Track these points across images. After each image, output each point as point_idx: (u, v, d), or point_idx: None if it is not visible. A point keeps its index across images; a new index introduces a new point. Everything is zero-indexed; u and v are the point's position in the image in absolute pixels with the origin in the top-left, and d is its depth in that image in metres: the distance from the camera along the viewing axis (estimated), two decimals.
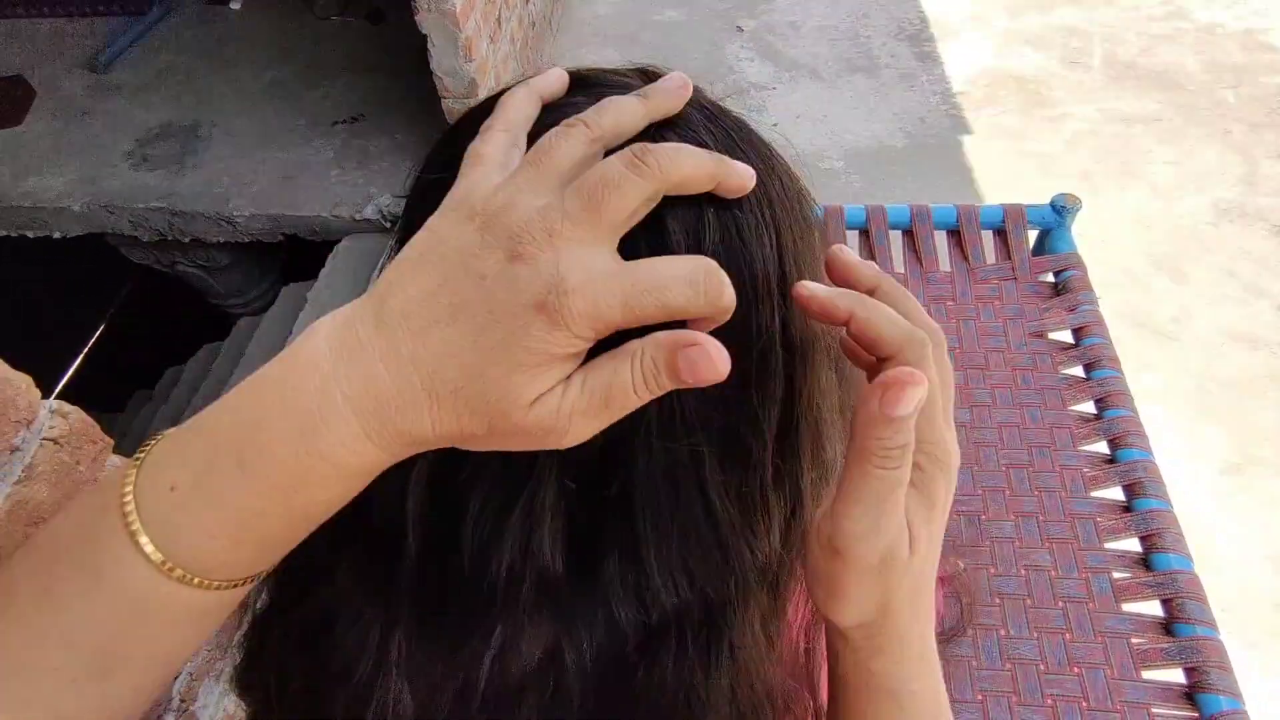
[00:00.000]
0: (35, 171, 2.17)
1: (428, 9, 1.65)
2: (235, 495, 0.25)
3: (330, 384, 0.24)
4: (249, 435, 0.25)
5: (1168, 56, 2.48)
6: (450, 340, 0.24)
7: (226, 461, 0.25)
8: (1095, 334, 1.06)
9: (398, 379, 0.24)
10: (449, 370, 0.24)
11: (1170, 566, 0.86)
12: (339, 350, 0.25)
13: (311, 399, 0.24)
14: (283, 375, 0.25)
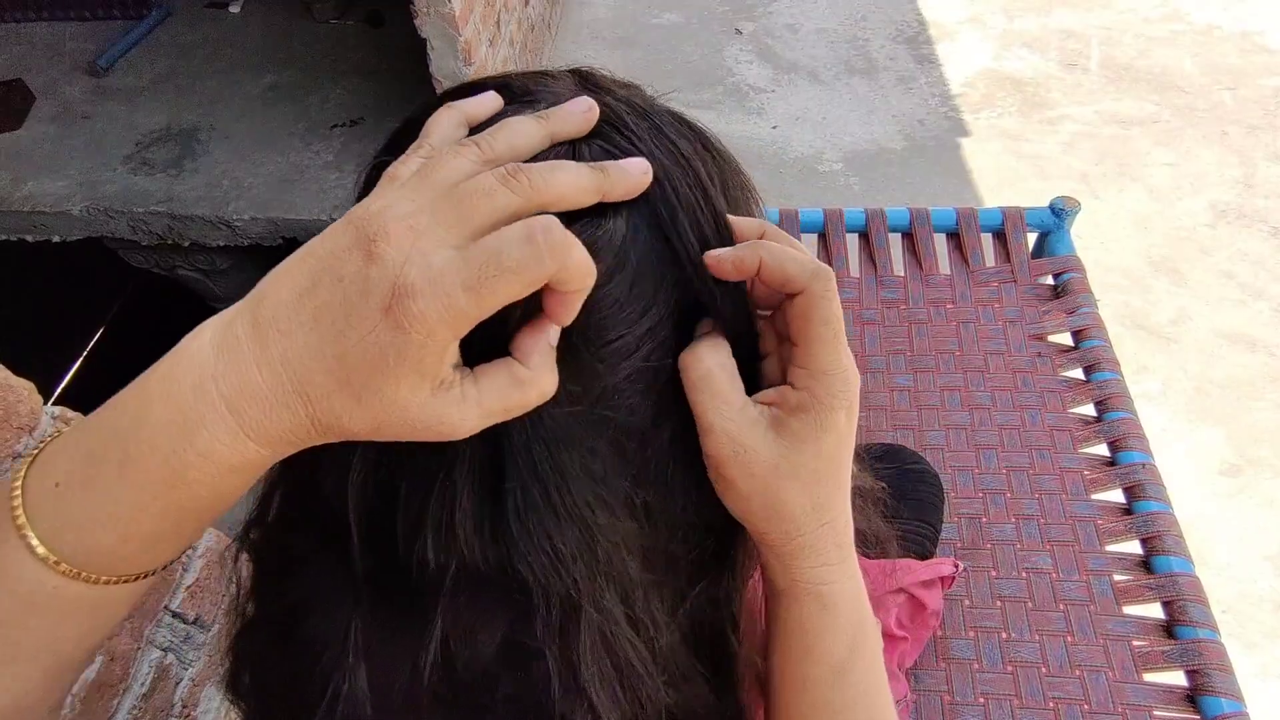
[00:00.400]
0: (35, 176, 2.17)
1: (427, 12, 1.65)
2: (116, 491, 0.25)
3: (209, 382, 0.25)
4: (132, 431, 0.25)
5: (1165, 58, 2.48)
6: (313, 345, 0.24)
7: (109, 457, 0.25)
8: (1095, 336, 1.06)
9: (270, 380, 0.25)
10: (317, 374, 0.24)
11: (1171, 569, 0.86)
12: (219, 348, 0.25)
13: (190, 396, 0.25)
14: (168, 371, 0.25)
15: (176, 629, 0.79)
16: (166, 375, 0.25)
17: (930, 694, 0.83)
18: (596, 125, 0.31)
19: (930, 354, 1.12)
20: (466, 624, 0.30)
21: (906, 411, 1.07)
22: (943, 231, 1.23)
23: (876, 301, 1.19)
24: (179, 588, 0.79)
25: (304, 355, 0.24)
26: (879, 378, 1.11)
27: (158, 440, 0.25)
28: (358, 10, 2.69)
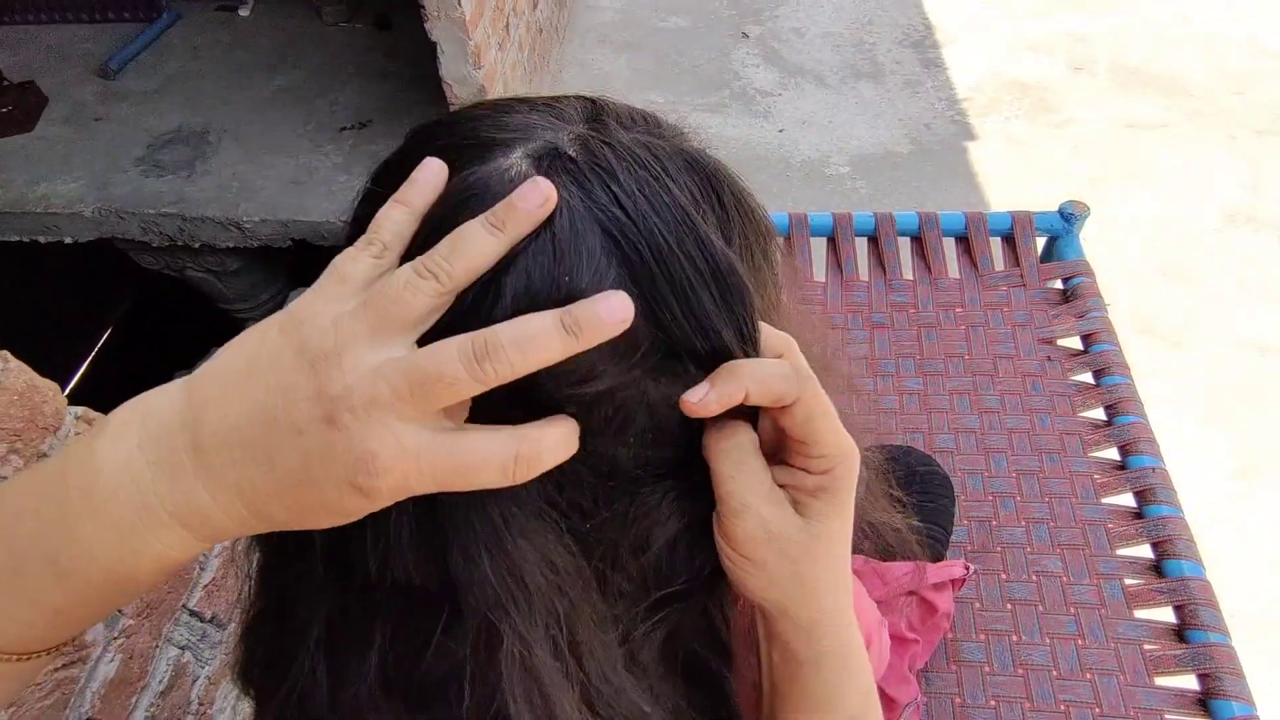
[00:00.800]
0: (47, 177, 2.19)
1: (437, 16, 1.66)
2: (51, 595, 0.26)
3: (151, 498, 0.25)
4: (60, 542, 0.26)
5: (1173, 62, 2.48)
6: (271, 487, 0.25)
7: (37, 566, 0.26)
8: (1104, 340, 1.06)
9: (224, 505, 0.25)
10: (275, 509, 0.26)
11: (1182, 573, 0.86)
12: (158, 465, 0.25)
13: (129, 510, 0.25)
14: (88, 483, 0.25)
15: (194, 627, 0.80)
16: (88, 491, 0.25)
17: (941, 696, 0.83)
18: (596, 168, 0.30)
19: (939, 357, 1.13)
20: (406, 634, 0.31)
21: (916, 414, 1.08)
22: (951, 235, 1.23)
23: (886, 305, 1.20)
24: (196, 586, 0.79)
25: (263, 492, 0.25)
26: (888, 381, 1.12)
27: (95, 549, 0.26)
28: (367, 13, 2.70)
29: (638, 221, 0.29)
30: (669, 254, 0.29)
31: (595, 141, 0.31)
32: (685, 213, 0.30)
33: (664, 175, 0.31)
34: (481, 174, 0.29)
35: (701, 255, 0.30)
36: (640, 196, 0.29)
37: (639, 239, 0.29)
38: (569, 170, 0.29)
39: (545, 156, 0.30)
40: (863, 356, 1.14)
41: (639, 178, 0.30)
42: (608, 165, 0.30)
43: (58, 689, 0.65)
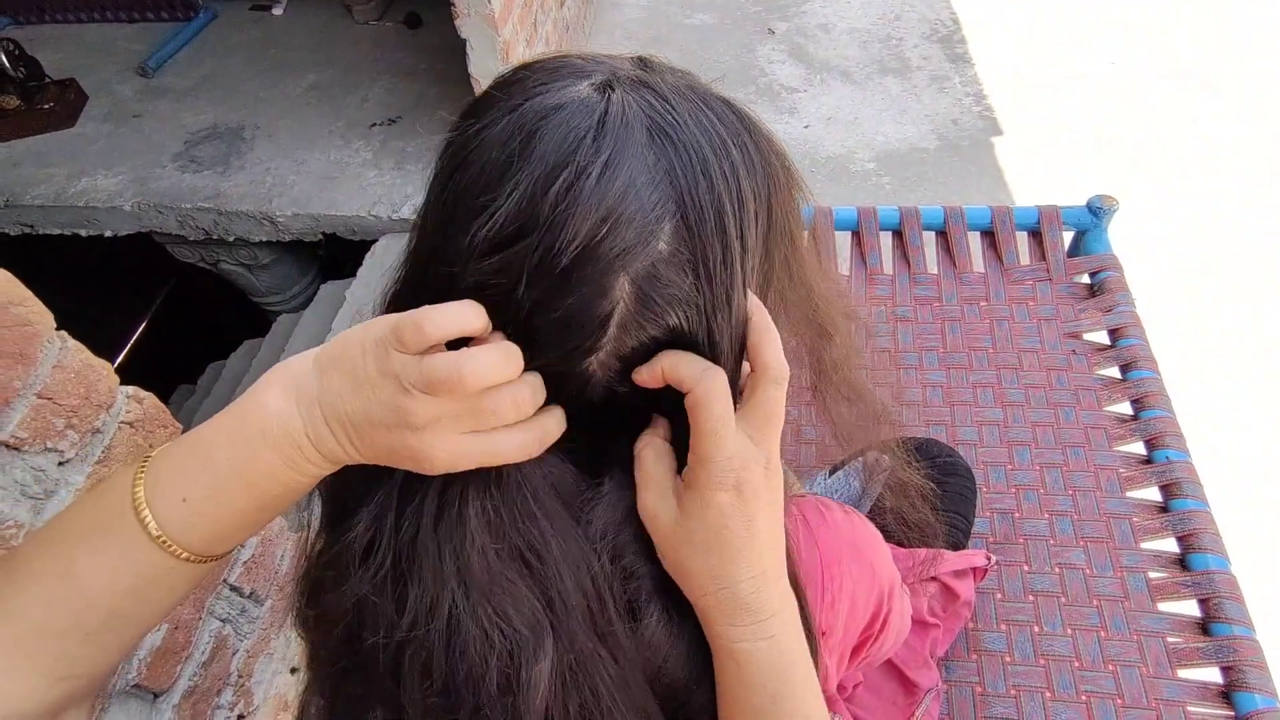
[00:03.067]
0: (88, 172, 2.25)
1: (467, 13, 1.69)
2: (243, 502, 0.37)
3: (303, 439, 0.36)
4: (249, 464, 0.36)
5: (1206, 56, 2.44)
6: (370, 449, 0.36)
7: (234, 482, 0.36)
8: (1132, 335, 1.06)
9: (346, 448, 0.36)
10: (361, 432, 0.36)
11: (1207, 566, 0.86)
12: (307, 420, 0.36)
13: (290, 444, 0.36)
14: (265, 424, 0.36)
15: (234, 602, 0.83)
16: (264, 430, 0.36)
17: (961, 685, 0.84)
18: (647, 88, 0.36)
19: (963, 351, 1.13)
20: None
21: (939, 407, 1.08)
22: (977, 230, 1.23)
23: (910, 299, 1.20)
24: (237, 563, 0.83)
25: (365, 450, 0.36)
26: (911, 374, 1.12)
27: (274, 471, 0.36)
28: (397, 12, 2.74)
29: (683, 132, 0.35)
30: (708, 169, 0.35)
31: (647, 76, 0.37)
32: (722, 139, 0.36)
33: (704, 107, 0.36)
34: (555, 97, 0.35)
35: (732, 177, 0.36)
36: (686, 117, 0.35)
37: (684, 147, 0.34)
38: (623, 86, 0.36)
39: (603, 85, 0.35)
40: (886, 350, 1.15)
41: (683, 106, 0.36)
42: (659, 90, 0.36)
43: None
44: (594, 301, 0.34)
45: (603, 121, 0.34)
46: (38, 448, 0.60)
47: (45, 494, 0.61)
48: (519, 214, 0.33)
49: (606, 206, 0.33)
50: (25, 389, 0.58)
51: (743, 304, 0.37)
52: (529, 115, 0.34)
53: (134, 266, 2.72)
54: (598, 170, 0.33)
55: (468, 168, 0.35)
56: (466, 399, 0.34)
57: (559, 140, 0.33)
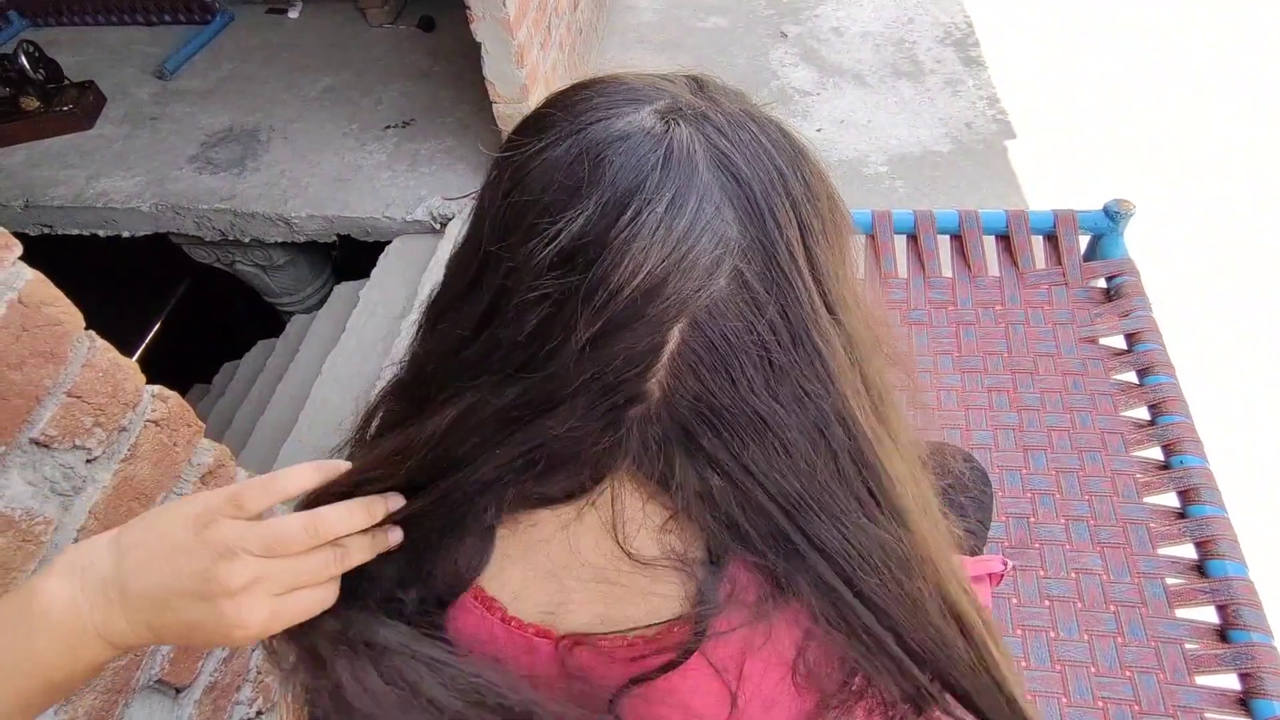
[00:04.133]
0: (107, 174, 2.28)
1: (482, 17, 1.70)
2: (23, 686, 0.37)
3: (88, 624, 0.37)
4: (25, 650, 0.37)
5: (1230, 59, 2.43)
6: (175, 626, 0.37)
7: (12, 669, 0.37)
8: (1149, 340, 1.06)
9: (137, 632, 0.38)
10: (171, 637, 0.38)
11: (1226, 573, 0.85)
12: (93, 604, 0.37)
13: (73, 631, 0.37)
14: (45, 609, 0.37)
15: None
16: (45, 615, 0.37)
17: None
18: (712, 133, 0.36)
19: (978, 355, 1.13)
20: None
21: (954, 411, 1.08)
22: (992, 234, 1.23)
23: (924, 302, 1.20)
24: None
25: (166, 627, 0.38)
26: (926, 378, 1.12)
27: (49, 659, 0.37)
28: (411, 15, 2.76)
29: (744, 167, 0.35)
30: (770, 202, 0.35)
31: (706, 106, 0.37)
32: (780, 171, 0.36)
33: (762, 135, 0.37)
34: (620, 124, 0.35)
35: (793, 212, 0.36)
36: (746, 150, 0.36)
37: (746, 184, 0.35)
38: (686, 119, 0.36)
39: (666, 113, 0.36)
40: (900, 353, 1.15)
41: (743, 136, 0.36)
42: (717, 123, 0.36)
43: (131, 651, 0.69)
44: (647, 336, 0.34)
45: (668, 156, 0.35)
46: (67, 445, 0.61)
47: (73, 490, 0.62)
48: (582, 235, 0.34)
49: (672, 242, 0.33)
50: (55, 387, 0.59)
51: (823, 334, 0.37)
52: (594, 139, 0.35)
53: (149, 267, 2.74)
54: (663, 206, 0.33)
55: (528, 186, 0.36)
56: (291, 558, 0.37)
57: (627, 170, 0.34)
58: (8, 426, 0.56)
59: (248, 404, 2.12)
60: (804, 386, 0.37)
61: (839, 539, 0.39)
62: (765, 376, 0.36)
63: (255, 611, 0.36)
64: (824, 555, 0.38)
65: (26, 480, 0.58)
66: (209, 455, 0.76)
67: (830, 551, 0.38)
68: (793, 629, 0.41)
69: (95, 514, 0.63)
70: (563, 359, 0.34)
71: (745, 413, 0.36)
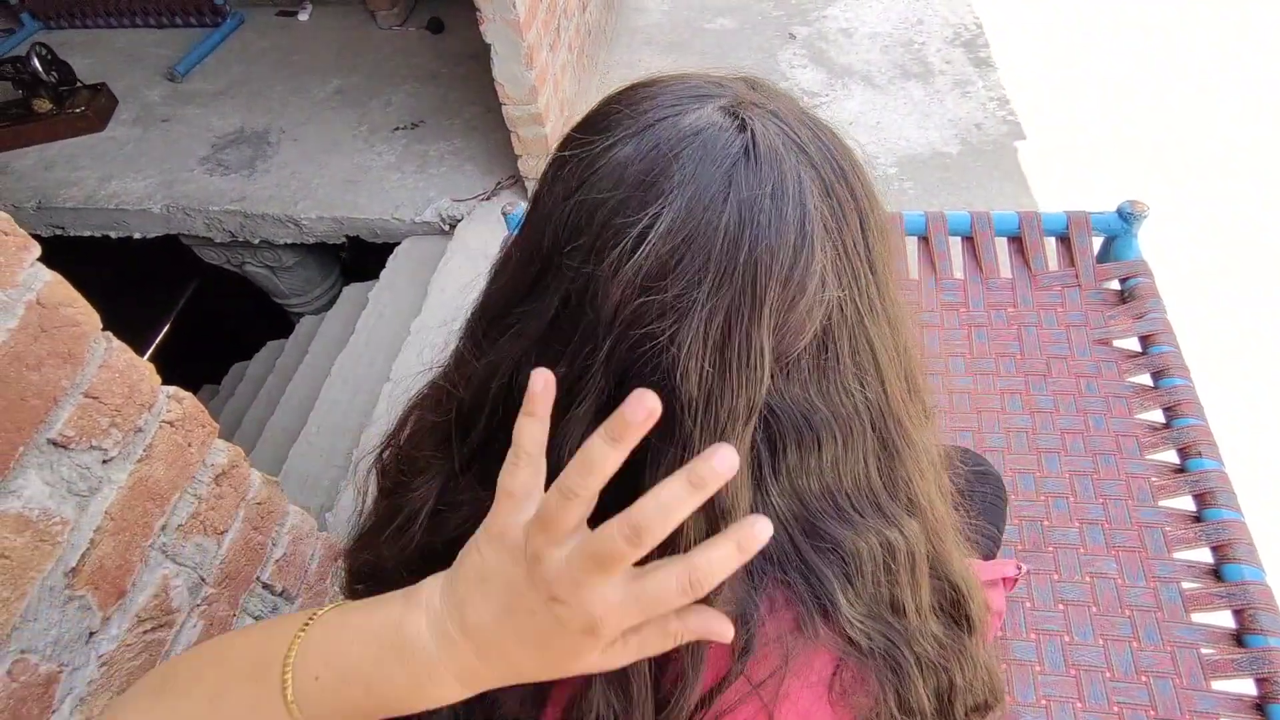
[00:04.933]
0: (118, 175, 2.29)
1: (492, 19, 1.70)
2: (356, 702, 0.36)
3: (436, 663, 0.34)
4: (375, 675, 0.36)
5: (1234, 58, 2.41)
6: (524, 655, 0.33)
7: (356, 687, 0.36)
8: (1163, 342, 1.05)
9: (490, 670, 0.35)
10: (528, 669, 0.34)
11: (1242, 577, 0.85)
12: (440, 640, 0.34)
13: (422, 667, 0.35)
14: (400, 645, 0.35)
15: (266, 599, 0.84)
16: (399, 648, 0.35)
17: None
18: (779, 125, 0.36)
19: (990, 357, 1.12)
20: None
21: (966, 414, 1.07)
22: (1004, 235, 1.22)
23: (936, 304, 1.19)
24: (269, 561, 0.84)
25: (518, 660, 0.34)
26: (937, 380, 1.12)
27: (397, 688, 0.35)
28: (420, 17, 2.77)
29: (817, 155, 0.36)
30: (837, 193, 0.36)
31: (767, 101, 0.37)
32: (839, 162, 0.37)
33: (819, 131, 0.38)
34: (689, 119, 0.35)
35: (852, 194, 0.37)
36: (813, 144, 0.36)
37: (821, 167, 0.36)
38: (757, 115, 0.36)
39: (732, 108, 0.36)
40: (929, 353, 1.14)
41: (805, 130, 0.37)
42: (782, 115, 0.37)
43: (146, 650, 0.69)
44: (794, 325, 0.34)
45: (754, 147, 0.35)
46: (83, 446, 0.61)
47: (90, 491, 0.62)
48: (671, 232, 0.33)
49: (791, 233, 0.34)
50: (73, 388, 0.59)
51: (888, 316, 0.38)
52: (663, 136, 0.35)
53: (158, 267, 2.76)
54: (769, 196, 0.34)
55: (597, 184, 0.35)
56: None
57: (707, 163, 0.34)
58: (26, 427, 0.56)
59: (257, 405, 2.13)
60: (852, 381, 0.38)
61: (852, 539, 0.39)
62: (819, 372, 0.37)
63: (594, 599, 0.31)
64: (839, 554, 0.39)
65: (44, 480, 0.58)
66: (223, 456, 0.76)
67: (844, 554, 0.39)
68: (828, 647, 0.41)
69: (110, 514, 0.64)
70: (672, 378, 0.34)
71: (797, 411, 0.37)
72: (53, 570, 0.59)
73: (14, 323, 0.55)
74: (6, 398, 0.54)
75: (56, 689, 0.60)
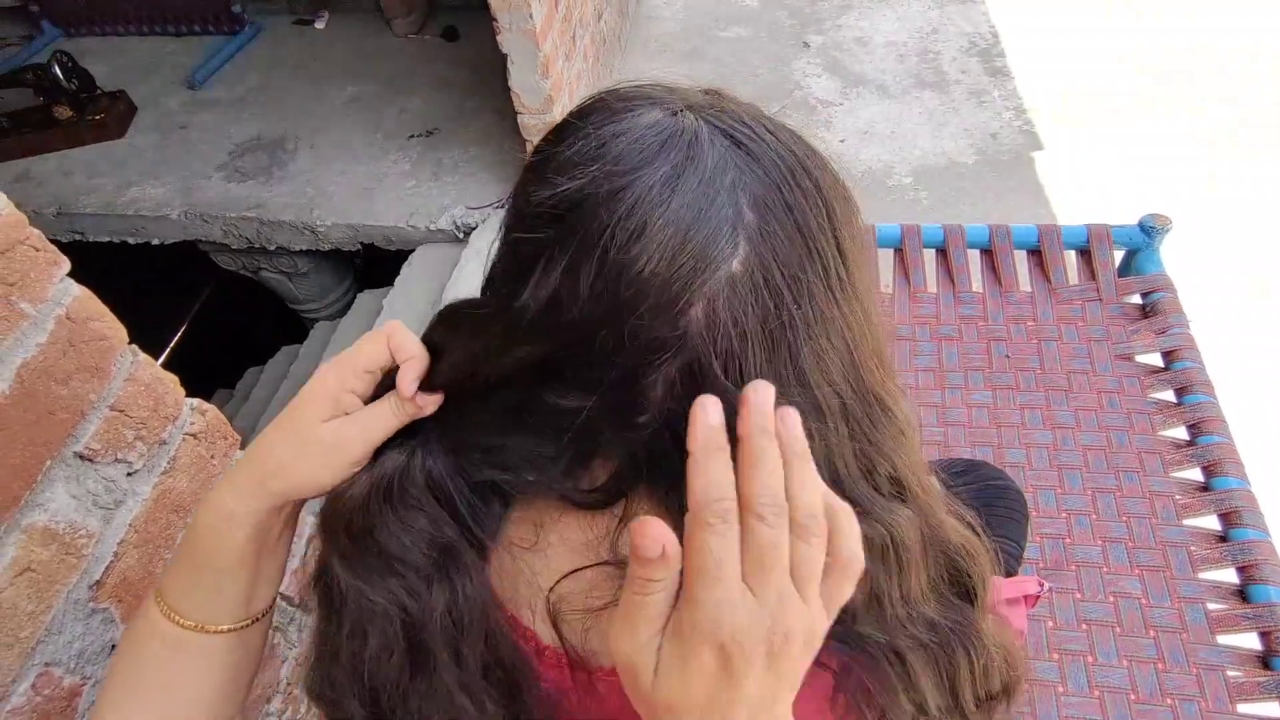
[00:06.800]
0: (137, 182, 2.31)
1: (509, 28, 1.71)
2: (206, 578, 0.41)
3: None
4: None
5: (1253, 72, 2.39)
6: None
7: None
8: (1187, 358, 1.04)
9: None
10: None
11: (1270, 599, 0.83)
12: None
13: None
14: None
15: (284, 610, 0.84)
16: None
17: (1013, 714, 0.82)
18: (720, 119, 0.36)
19: (1010, 371, 1.11)
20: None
21: (985, 428, 1.07)
22: (1023, 248, 1.21)
23: (955, 318, 1.19)
24: (287, 572, 0.84)
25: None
26: (956, 394, 1.11)
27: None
28: (435, 25, 2.79)
29: (761, 147, 0.35)
30: (788, 182, 0.35)
31: (718, 101, 0.38)
32: (794, 154, 0.36)
33: (778, 133, 0.37)
34: (628, 121, 0.36)
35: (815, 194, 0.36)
36: (759, 140, 0.36)
37: (760, 160, 0.35)
38: (695, 111, 0.36)
39: (675, 110, 0.36)
40: (930, 369, 1.14)
41: (759, 128, 0.37)
42: (731, 113, 0.37)
43: None
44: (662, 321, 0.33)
45: (672, 136, 0.35)
46: (109, 459, 0.61)
47: (115, 504, 0.62)
48: (577, 195, 0.34)
49: (673, 220, 0.33)
50: (99, 402, 0.60)
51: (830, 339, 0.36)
52: (605, 134, 0.36)
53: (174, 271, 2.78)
54: (664, 174, 0.34)
55: (543, 180, 0.36)
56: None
57: (629, 151, 0.35)
58: (53, 441, 0.56)
59: (270, 411, 2.14)
60: (828, 361, 0.37)
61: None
62: (784, 361, 0.35)
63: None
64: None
65: (70, 494, 0.59)
66: None
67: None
68: (830, 662, 0.41)
69: (135, 527, 0.64)
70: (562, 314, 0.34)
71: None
72: (78, 583, 0.59)
73: (44, 337, 0.55)
74: (35, 412, 0.55)
75: (79, 702, 0.60)
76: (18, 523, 0.54)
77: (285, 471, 0.40)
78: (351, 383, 0.41)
